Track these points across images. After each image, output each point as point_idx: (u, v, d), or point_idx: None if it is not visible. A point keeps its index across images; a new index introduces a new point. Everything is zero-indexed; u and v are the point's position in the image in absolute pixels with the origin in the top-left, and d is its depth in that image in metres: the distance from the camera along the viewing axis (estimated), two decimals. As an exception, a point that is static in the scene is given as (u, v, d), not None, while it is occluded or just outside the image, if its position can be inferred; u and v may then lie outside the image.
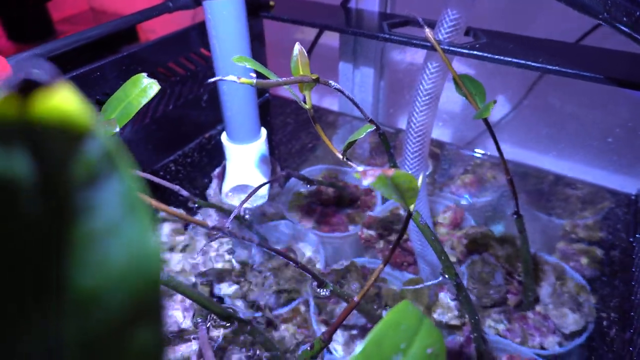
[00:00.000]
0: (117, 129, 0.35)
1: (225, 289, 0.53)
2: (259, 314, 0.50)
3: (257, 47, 0.74)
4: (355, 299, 0.35)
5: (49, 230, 0.08)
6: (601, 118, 0.71)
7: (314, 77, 0.40)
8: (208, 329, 0.46)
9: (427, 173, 0.70)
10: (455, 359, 0.47)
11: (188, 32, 0.65)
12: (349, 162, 0.45)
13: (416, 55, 0.78)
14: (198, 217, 0.63)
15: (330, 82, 0.43)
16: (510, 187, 0.49)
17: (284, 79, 0.38)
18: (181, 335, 0.45)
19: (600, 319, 0.50)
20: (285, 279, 0.56)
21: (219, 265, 0.56)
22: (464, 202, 0.66)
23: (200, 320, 0.36)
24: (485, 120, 0.47)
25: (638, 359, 0.45)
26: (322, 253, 0.59)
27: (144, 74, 0.41)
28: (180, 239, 0.58)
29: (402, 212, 0.65)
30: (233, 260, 0.57)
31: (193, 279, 0.54)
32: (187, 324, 0.46)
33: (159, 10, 0.61)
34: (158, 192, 0.65)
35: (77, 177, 0.09)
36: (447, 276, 0.43)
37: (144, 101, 0.40)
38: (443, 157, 0.73)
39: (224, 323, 0.48)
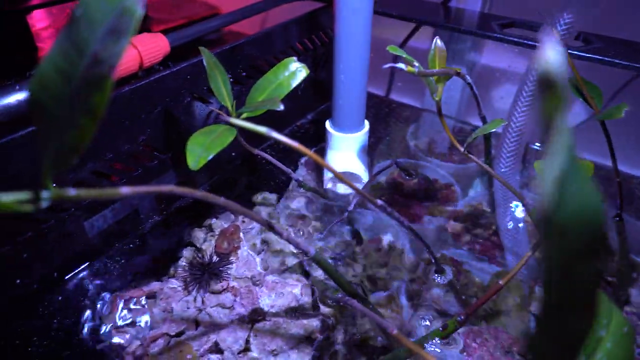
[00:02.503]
0: (282, 107, 0.37)
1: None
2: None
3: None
4: (501, 282, 0.37)
5: None
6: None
7: (457, 70, 0.42)
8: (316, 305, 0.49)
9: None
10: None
11: (315, 13, 0.69)
12: (470, 156, 0.47)
13: (500, 58, 0.79)
14: (283, 202, 0.65)
15: (467, 76, 0.45)
16: (618, 190, 0.50)
17: (436, 70, 0.40)
18: (300, 310, 0.48)
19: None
20: (379, 265, 0.58)
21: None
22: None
23: (340, 294, 0.39)
24: (602, 123, 0.49)
25: None
26: (407, 243, 0.61)
27: (294, 58, 0.43)
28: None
29: (485, 206, 0.66)
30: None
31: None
32: (304, 300, 0.49)
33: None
34: (253, 175, 0.68)
35: None
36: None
37: (294, 84, 0.43)
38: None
39: (336, 303, 0.51)
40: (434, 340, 0.44)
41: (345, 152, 0.62)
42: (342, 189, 0.63)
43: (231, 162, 0.67)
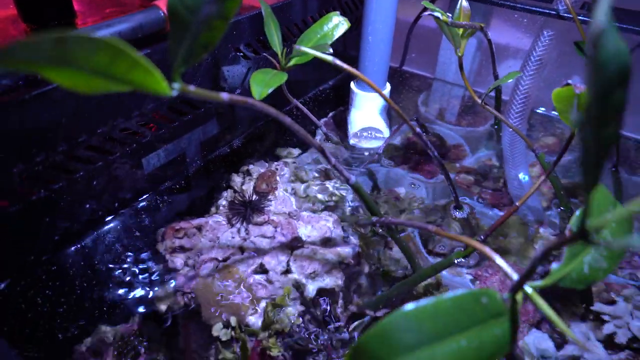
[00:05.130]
0: (330, 51, 0.42)
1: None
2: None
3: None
4: (517, 203, 0.43)
5: None
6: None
7: (481, 25, 0.47)
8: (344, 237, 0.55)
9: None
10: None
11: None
12: (487, 107, 0.53)
13: (506, 35, 0.85)
14: (306, 156, 0.71)
15: (488, 32, 0.51)
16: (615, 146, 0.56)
17: (463, 22, 0.45)
18: (333, 241, 0.54)
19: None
20: (398, 212, 0.64)
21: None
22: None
23: (376, 219, 0.45)
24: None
25: None
26: (425, 193, 0.67)
27: (337, 12, 0.49)
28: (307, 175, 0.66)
29: (494, 161, 0.72)
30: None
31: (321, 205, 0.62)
32: (336, 232, 0.55)
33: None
34: (279, 132, 0.74)
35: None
36: (562, 208, 0.51)
37: (337, 34, 0.48)
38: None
39: (367, 232, 0.57)
40: (457, 260, 0.50)
41: (369, 110, 0.67)
42: (364, 144, 0.69)
43: (261, 119, 0.73)
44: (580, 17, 0.58)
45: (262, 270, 0.51)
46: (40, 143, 0.42)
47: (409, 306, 0.25)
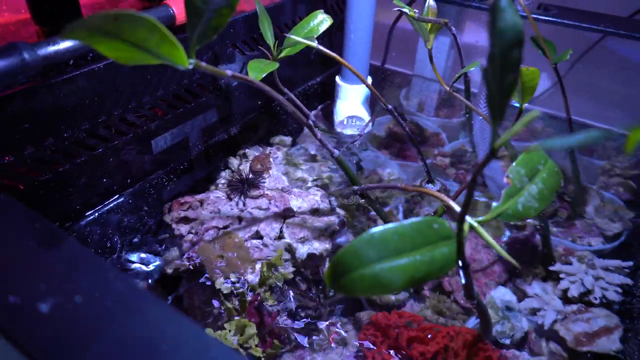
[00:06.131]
0: (316, 42, 0.50)
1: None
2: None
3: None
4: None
5: None
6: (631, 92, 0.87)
7: (445, 21, 0.55)
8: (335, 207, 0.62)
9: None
10: (525, 244, 0.62)
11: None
12: (455, 94, 0.61)
13: (478, 36, 0.94)
14: (300, 147, 0.78)
15: (452, 27, 0.59)
16: (568, 125, 0.64)
17: (430, 18, 0.53)
18: (321, 212, 0.61)
19: (635, 227, 0.65)
20: (380, 190, 0.71)
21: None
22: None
23: (356, 187, 0.52)
24: (555, 68, 0.63)
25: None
26: (404, 175, 0.74)
27: (321, 10, 0.56)
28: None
29: (468, 148, 0.80)
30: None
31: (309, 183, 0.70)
32: (324, 205, 0.62)
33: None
34: (272, 122, 0.81)
35: None
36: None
37: (322, 29, 0.56)
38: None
39: (350, 203, 0.64)
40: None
41: (352, 100, 0.75)
42: (349, 131, 0.77)
43: (257, 109, 0.80)
44: (534, 16, 0.66)
45: (258, 236, 0.58)
46: (66, 121, 0.49)
47: (376, 229, 0.32)
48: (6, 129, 0.43)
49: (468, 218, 0.35)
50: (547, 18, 0.67)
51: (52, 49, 0.41)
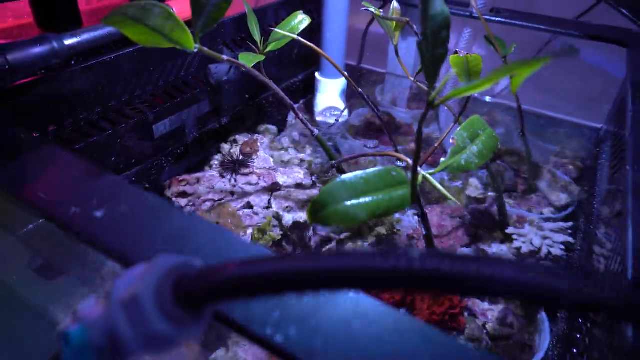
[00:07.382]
0: (297, 36, 0.59)
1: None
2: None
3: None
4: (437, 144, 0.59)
5: None
6: (581, 85, 0.97)
7: (407, 20, 0.64)
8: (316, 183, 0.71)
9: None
10: (483, 214, 0.71)
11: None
12: (419, 83, 0.69)
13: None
14: (284, 135, 0.87)
15: (414, 26, 0.67)
16: (519, 113, 0.74)
17: (393, 17, 0.62)
18: (304, 186, 0.69)
19: (581, 201, 0.75)
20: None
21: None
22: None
23: (334, 162, 0.60)
24: (505, 59, 0.72)
25: (597, 221, 0.70)
26: (380, 160, 0.83)
27: (301, 12, 0.65)
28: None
29: (437, 134, 0.89)
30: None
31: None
32: (306, 181, 0.70)
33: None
34: (259, 114, 0.89)
35: None
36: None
37: (302, 27, 0.65)
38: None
39: (329, 177, 0.72)
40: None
41: (330, 93, 0.84)
42: (328, 120, 0.85)
43: (246, 102, 0.88)
44: (486, 17, 0.76)
45: (249, 206, 0.66)
46: (83, 104, 0.56)
47: (347, 175, 0.41)
48: (37, 109, 0.51)
49: (420, 170, 0.44)
50: (498, 19, 0.76)
51: (75, 40, 0.49)
